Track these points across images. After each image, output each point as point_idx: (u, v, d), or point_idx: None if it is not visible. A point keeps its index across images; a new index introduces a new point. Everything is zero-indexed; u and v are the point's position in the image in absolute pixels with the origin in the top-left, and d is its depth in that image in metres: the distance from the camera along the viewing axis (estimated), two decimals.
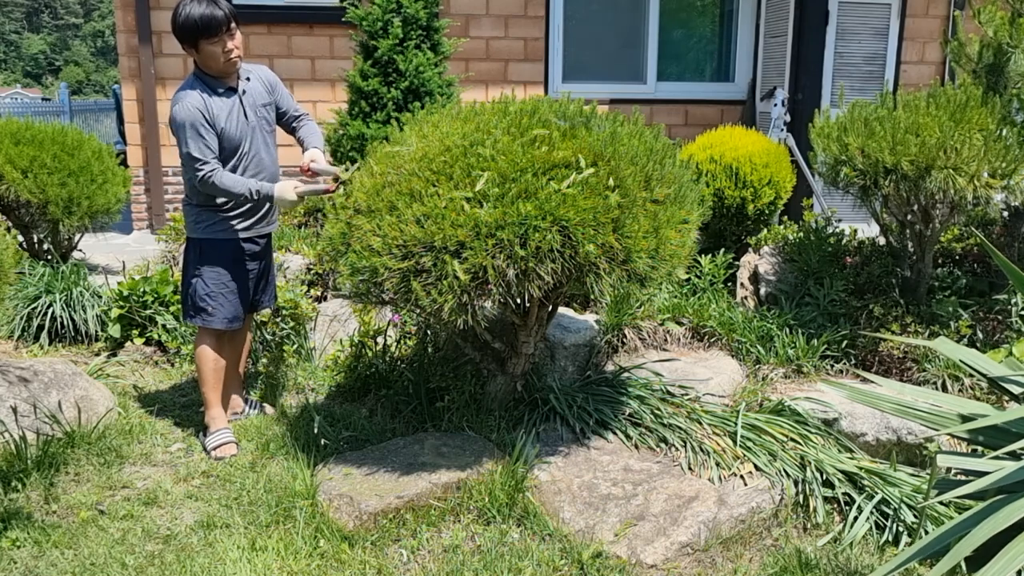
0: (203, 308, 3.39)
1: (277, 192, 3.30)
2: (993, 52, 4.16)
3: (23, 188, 4.92)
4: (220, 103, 3.25)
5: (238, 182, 3.24)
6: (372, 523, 2.79)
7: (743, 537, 2.90)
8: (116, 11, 6.75)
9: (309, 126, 3.58)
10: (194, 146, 3.16)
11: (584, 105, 3.19)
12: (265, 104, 3.43)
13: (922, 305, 4.10)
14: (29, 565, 2.61)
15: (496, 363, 3.42)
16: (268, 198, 3.29)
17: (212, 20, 3.12)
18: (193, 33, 3.14)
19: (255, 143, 3.36)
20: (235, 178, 3.25)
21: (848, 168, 3.94)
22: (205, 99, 3.20)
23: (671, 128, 7.44)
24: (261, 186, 3.27)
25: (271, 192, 3.29)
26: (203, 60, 3.21)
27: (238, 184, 3.24)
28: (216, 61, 3.20)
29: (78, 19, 61.01)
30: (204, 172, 3.18)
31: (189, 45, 3.19)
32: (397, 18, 5.23)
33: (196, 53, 3.20)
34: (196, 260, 3.41)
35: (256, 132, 3.37)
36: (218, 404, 3.46)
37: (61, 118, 15.11)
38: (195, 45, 3.17)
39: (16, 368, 3.52)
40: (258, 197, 3.27)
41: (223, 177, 3.21)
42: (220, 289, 3.40)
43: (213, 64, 3.21)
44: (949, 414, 2.22)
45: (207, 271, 3.38)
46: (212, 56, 3.18)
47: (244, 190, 3.23)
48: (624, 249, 2.70)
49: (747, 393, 3.68)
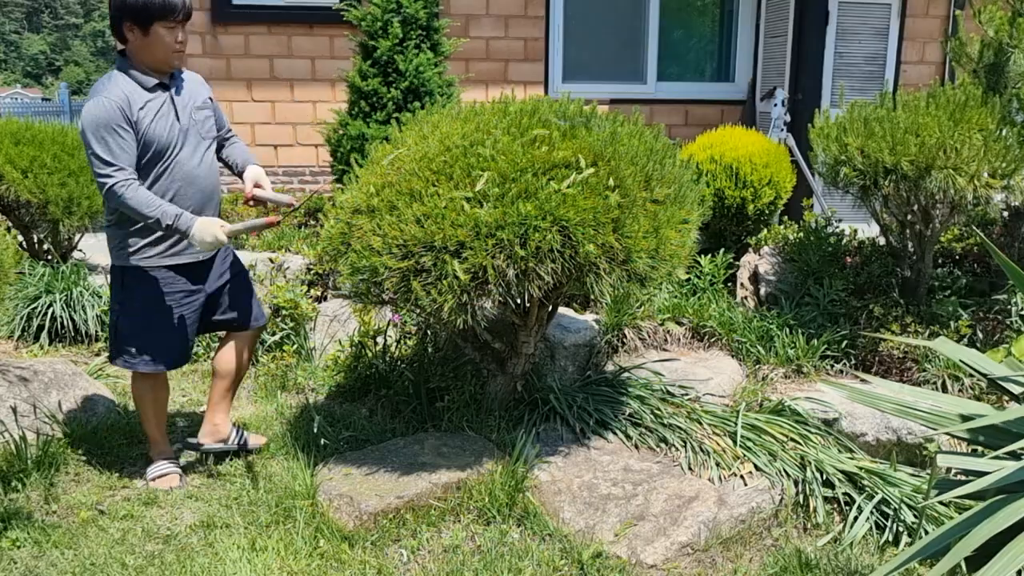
0: (126, 349, 2.97)
1: (197, 229, 2.78)
2: (993, 52, 4.16)
3: (23, 188, 4.92)
4: (147, 100, 2.82)
5: (151, 202, 2.75)
6: (372, 523, 2.79)
7: (743, 537, 2.90)
8: None
9: (239, 145, 3.21)
10: (101, 148, 2.71)
11: (584, 105, 3.20)
12: (201, 108, 3.00)
13: (922, 305, 4.10)
14: (29, 565, 2.61)
15: (496, 363, 3.42)
16: (182, 233, 2.79)
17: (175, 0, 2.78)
18: (149, 11, 2.74)
19: (184, 150, 2.91)
20: (149, 196, 2.76)
21: (848, 168, 3.94)
22: (129, 95, 2.78)
23: (671, 128, 7.44)
24: (178, 216, 2.77)
25: (189, 227, 2.78)
26: (146, 47, 2.79)
27: (150, 204, 2.74)
28: (164, 50, 2.81)
29: (78, 19, 61.01)
30: (112, 181, 2.71)
31: (138, 26, 2.77)
32: (396, 18, 5.23)
33: (142, 36, 2.78)
34: (119, 293, 2.97)
35: (188, 137, 2.92)
36: (163, 439, 3.19)
37: (61, 118, 15.12)
38: (146, 26, 2.76)
39: (16, 368, 3.52)
40: (169, 229, 2.78)
41: (135, 192, 2.74)
42: (144, 329, 2.95)
43: (158, 52, 2.80)
44: (949, 414, 2.22)
45: (130, 306, 2.95)
46: (160, 43, 2.79)
47: (155, 214, 2.74)
48: (624, 249, 2.70)
49: (747, 393, 3.68)
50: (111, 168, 2.72)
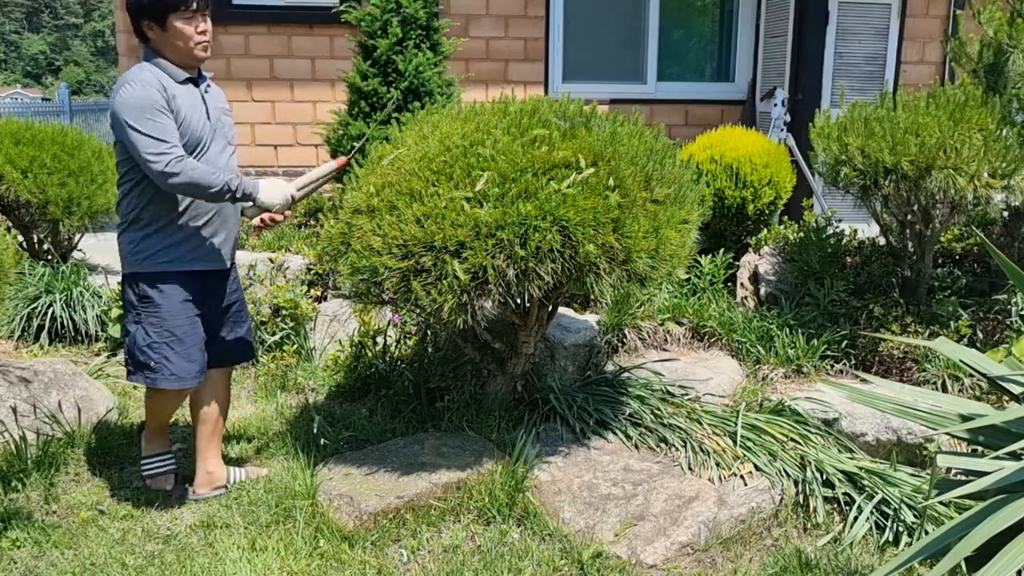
0: (145, 363, 2.76)
1: (264, 191, 2.73)
2: (993, 52, 4.16)
3: (23, 188, 4.92)
4: (182, 90, 2.70)
5: (212, 172, 2.63)
6: (372, 523, 2.78)
7: (743, 537, 2.90)
8: (116, 11, 6.74)
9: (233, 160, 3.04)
10: (150, 127, 2.55)
11: (584, 105, 3.19)
12: (227, 111, 2.90)
13: (922, 305, 4.10)
14: (29, 565, 2.61)
15: (496, 363, 3.42)
16: (249, 196, 2.72)
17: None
18: (161, 4, 2.61)
19: (213, 148, 2.79)
20: (207, 168, 2.64)
21: (848, 168, 3.94)
22: (164, 82, 2.64)
23: (671, 128, 7.44)
24: (244, 182, 2.67)
25: (254, 190, 2.72)
26: (167, 42, 2.67)
27: (212, 171, 2.62)
28: (185, 44, 2.68)
29: (78, 19, 61.00)
30: (170, 157, 2.56)
31: (155, 22, 2.65)
32: (396, 18, 5.23)
33: (161, 32, 2.65)
34: (135, 302, 2.77)
35: (215, 137, 2.80)
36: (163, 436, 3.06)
37: (61, 118, 15.10)
38: (162, 21, 2.63)
39: (16, 368, 3.52)
40: (238, 195, 2.68)
41: (194, 164, 2.61)
42: (166, 338, 2.75)
43: (180, 45, 2.67)
44: (949, 414, 2.22)
45: (150, 315, 2.75)
46: (180, 37, 2.66)
47: (219, 183, 2.62)
48: (624, 249, 2.70)
49: (747, 393, 3.68)
50: (166, 145, 2.57)
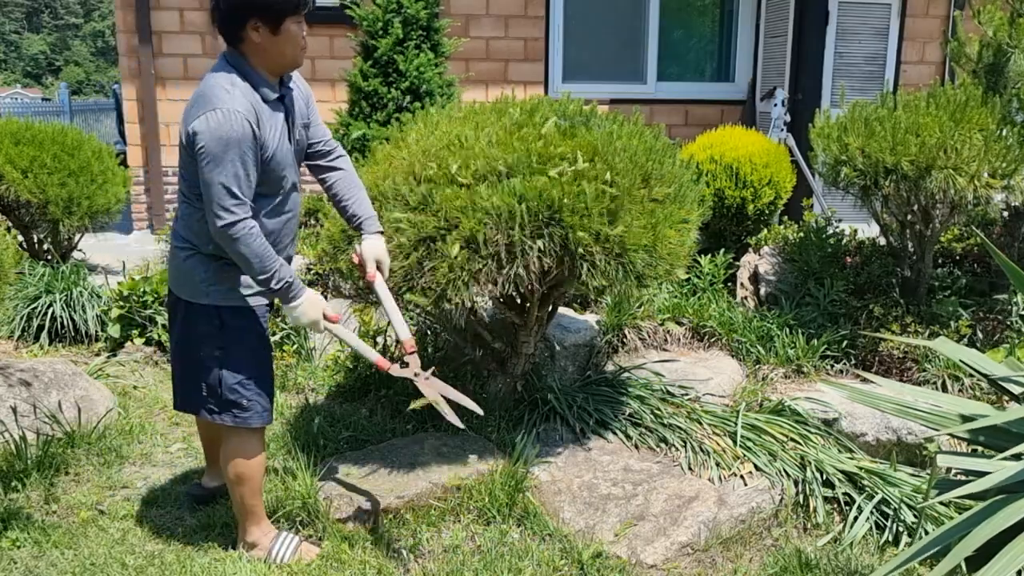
0: (235, 402, 2.47)
1: (303, 305, 2.37)
2: (993, 52, 4.16)
3: (23, 188, 4.92)
4: (269, 117, 2.34)
5: (268, 254, 2.30)
6: (372, 523, 2.78)
7: (743, 537, 2.90)
8: (116, 11, 6.74)
9: (351, 178, 2.63)
10: (228, 176, 2.20)
11: (584, 105, 3.20)
12: (305, 124, 2.53)
13: (922, 305, 4.10)
14: (29, 565, 2.61)
15: (496, 363, 3.42)
16: (284, 300, 2.37)
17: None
18: (282, 5, 2.28)
19: (294, 195, 2.50)
20: (267, 247, 2.30)
21: (848, 168, 3.94)
22: (257, 109, 2.29)
23: (671, 128, 7.43)
24: (289, 284, 2.34)
25: (296, 298, 2.36)
26: (274, 47, 2.32)
27: (267, 257, 2.29)
28: (293, 48, 2.34)
29: (78, 19, 60.98)
30: (235, 219, 2.23)
31: (267, 24, 2.28)
32: (397, 18, 5.23)
33: (271, 36, 2.30)
34: (216, 337, 2.45)
35: (296, 161, 2.50)
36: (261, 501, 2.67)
37: (61, 118, 15.10)
38: (277, 23, 2.28)
39: (16, 368, 3.52)
40: (278, 289, 2.33)
41: (256, 239, 2.27)
42: (254, 372, 2.48)
43: (288, 52, 2.34)
44: (949, 414, 2.22)
45: (236, 351, 2.46)
46: (291, 41, 2.33)
47: (270, 272, 2.30)
48: (619, 242, 2.71)
49: (747, 393, 3.68)
50: (235, 203, 2.22)
